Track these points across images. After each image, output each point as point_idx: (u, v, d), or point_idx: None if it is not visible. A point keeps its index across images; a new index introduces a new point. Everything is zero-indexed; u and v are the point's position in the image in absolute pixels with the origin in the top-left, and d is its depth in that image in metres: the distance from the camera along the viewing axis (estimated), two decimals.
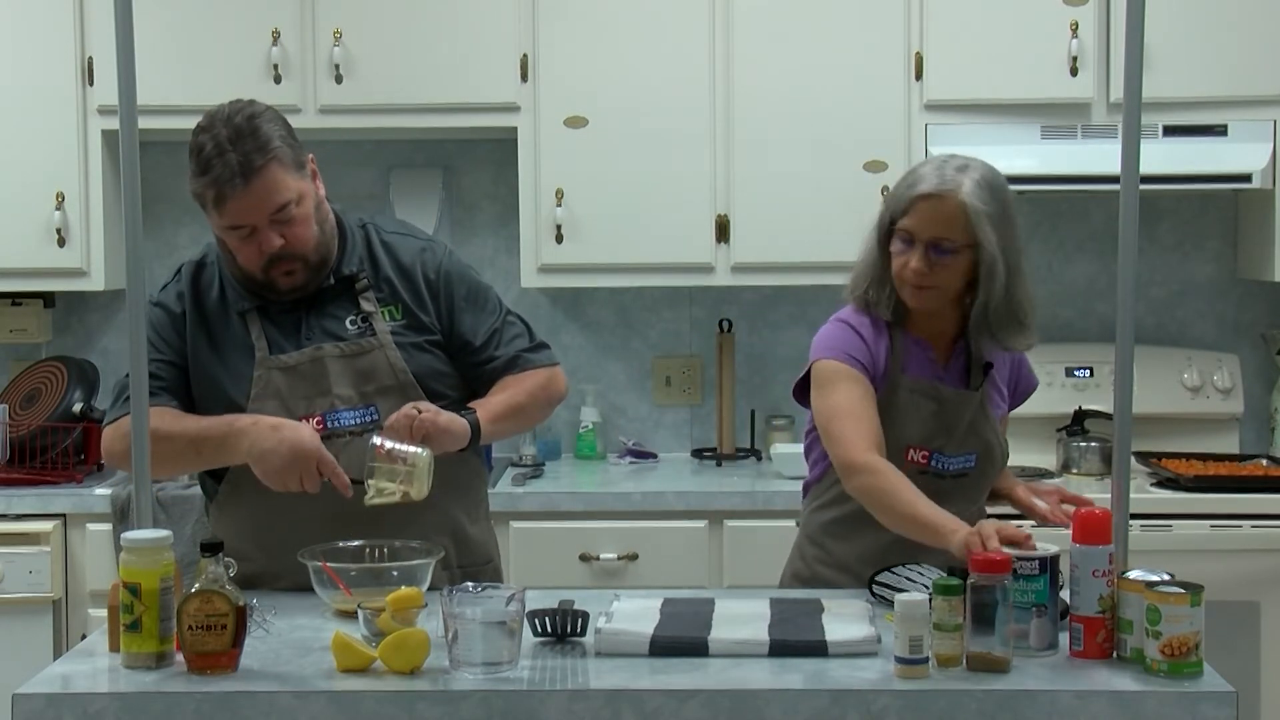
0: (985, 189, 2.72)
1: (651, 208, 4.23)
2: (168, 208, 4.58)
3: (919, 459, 2.80)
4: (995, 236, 2.71)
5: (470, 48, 4.22)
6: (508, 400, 2.88)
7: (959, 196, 2.70)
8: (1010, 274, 2.75)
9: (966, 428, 2.84)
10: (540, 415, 3.03)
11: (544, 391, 2.95)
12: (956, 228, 2.71)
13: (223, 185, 2.68)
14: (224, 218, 2.73)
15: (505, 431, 2.94)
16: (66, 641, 3.96)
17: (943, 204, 2.71)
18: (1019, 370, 3.00)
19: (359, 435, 2.80)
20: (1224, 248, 4.58)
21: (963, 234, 2.71)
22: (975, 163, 2.78)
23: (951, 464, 2.82)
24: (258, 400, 2.80)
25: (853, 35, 4.20)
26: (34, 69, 4.24)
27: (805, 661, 2.33)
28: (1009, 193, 2.78)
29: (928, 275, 2.74)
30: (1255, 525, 3.94)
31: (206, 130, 2.73)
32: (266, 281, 2.81)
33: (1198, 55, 4.15)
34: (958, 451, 2.83)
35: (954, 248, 2.72)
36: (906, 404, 2.81)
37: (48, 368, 4.36)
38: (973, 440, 2.85)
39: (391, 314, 2.87)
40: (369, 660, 2.30)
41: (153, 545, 2.34)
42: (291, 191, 2.74)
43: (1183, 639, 2.24)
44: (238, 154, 2.68)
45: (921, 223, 2.73)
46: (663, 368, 4.63)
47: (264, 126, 2.72)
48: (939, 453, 2.81)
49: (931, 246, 2.73)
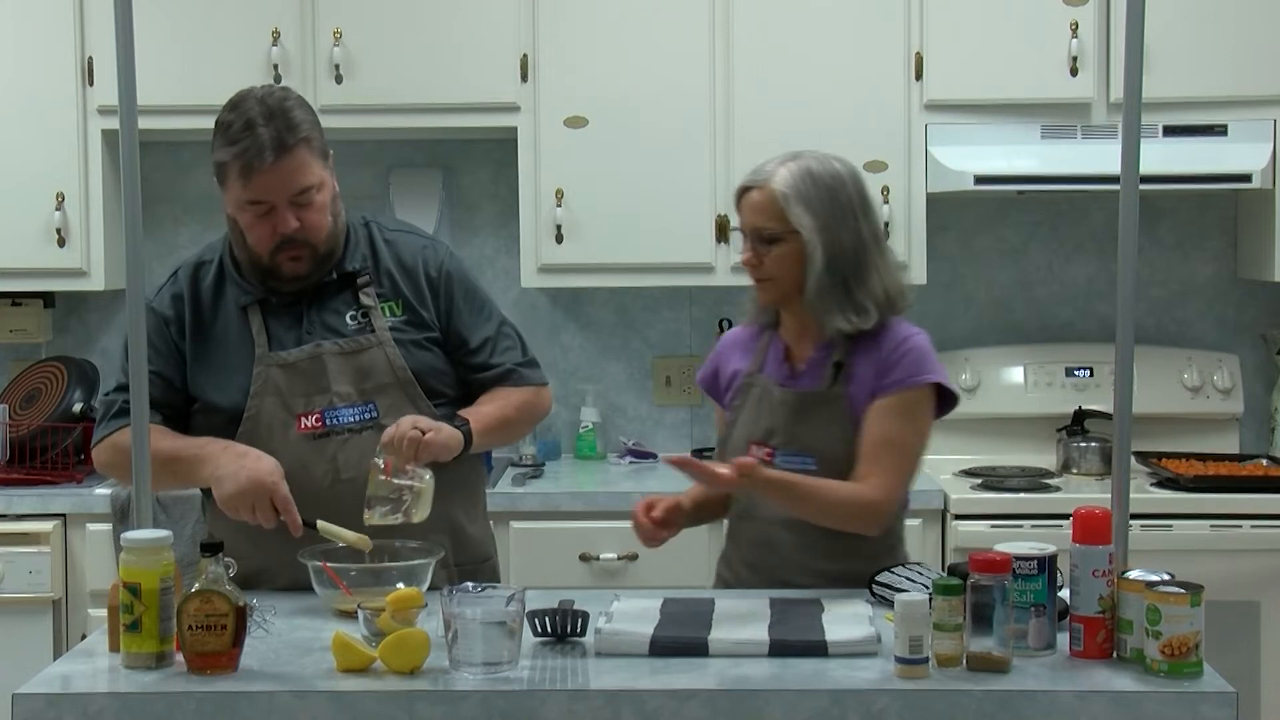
0: (804, 177, 2.76)
1: (651, 208, 4.23)
2: (168, 208, 4.58)
3: (762, 456, 2.80)
4: (810, 220, 2.74)
5: (470, 48, 4.22)
6: (498, 413, 2.89)
7: (770, 185, 2.76)
8: (835, 255, 2.75)
9: (801, 427, 2.80)
10: (524, 432, 3.17)
11: (531, 409, 2.98)
12: (771, 215, 2.77)
13: (252, 157, 2.71)
14: (247, 190, 2.74)
15: (491, 444, 2.95)
16: (66, 641, 3.96)
17: (759, 194, 2.79)
18: (891, 363, 2.77)
19: (358, 433, 2.80)
20: (1224, 248, 4.57)
21: (779, 222, 2.76)
22: (808, 154, 2.82)
23: (787, 463, 2.79)
24: (257, 397, 2.81)
25: (852, 35, 4.20)
26: (34, 69, 4.24)
27: (805, 661, 2.33)
28: (841, 178, 2.78)
29: (758, 267, 2.80)
30: (1255, 525, 3.94)
31: (238, 106, 2.76)
32: (271, 266, 2.81)
33: (1198, 55, 4.15)
34: (790, 450, 2.80)
35: (773, 236, 2.77)
36: (754, 402, 2.87)
37: (48, 368, 4.37)
38: (811, 439, 2.79)
39: (392, 310, 2.88)
40: (369, 660, 2.30)
41: (153, 545, 2.34)
42: (315, 177, 2.78)
43: (1183, 639, 2.24)
44: (270, 130, 2.71)
45: (744, 215, 2.82)
46: (663, 368, 4.63)
47: (296, 110, 2.77)
48: (779, 450, 2.81)
49: (755, 237, 2.79)
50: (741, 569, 2.90)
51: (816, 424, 2.80)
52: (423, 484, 2.69)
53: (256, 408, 2.81)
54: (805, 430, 2.80)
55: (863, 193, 2.82)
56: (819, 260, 2.75)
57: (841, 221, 2.77)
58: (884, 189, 4.16)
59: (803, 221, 2.74)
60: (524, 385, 2.96)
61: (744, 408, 2.89)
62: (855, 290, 2.77)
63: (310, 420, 2.80)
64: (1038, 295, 4.61)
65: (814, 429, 2.79)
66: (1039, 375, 4.45)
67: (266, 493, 2.67)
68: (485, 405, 2.89)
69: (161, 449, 2.75)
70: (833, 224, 2.76)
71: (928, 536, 3.92)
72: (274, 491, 2.67)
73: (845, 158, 2.86)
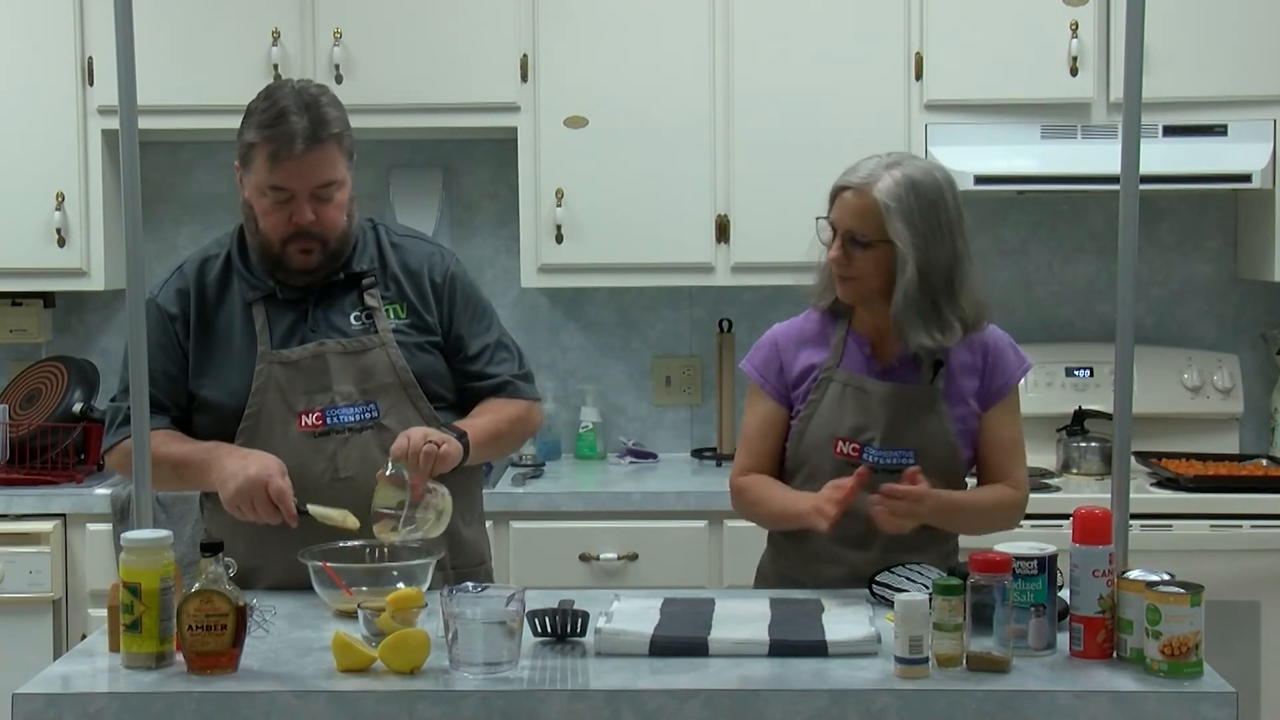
0: (905, 187, 2.73)
1: (651, 208, 4.23)
2: (168, 208, 4.58)
3: (849, 451, 2.80)
4: (908, 234, 2.72)
5: (470, 48, 4.22)
6: (493, 427, 2.88)
7: (872, 192, 2.74)
8: (928, 273, 2.73)
9: (901, 423, 2.80)
10: (513, 448, 3.16)
11: (523, 424, 2.98)
12: (869, 222, 2.75)
13: (283, 143, 2.73)
14: (272, 175, 2.75)
15: (482, 458, 2.93)
16: (66, 641, 3.96)
17: (858, 198, 2.76)
18: (992, 366, 2.86)
19: (358, 432, 2.81)
20: (1224, 248, 4.57)
21: (875, 229, 2.74)
22: (910, 161, 2.80)
23: (883, 458, 2.79)
24: (258, 394, 2.81)
25: (852, 35, 4.20)
26: (34, 69, 4.24)
27: (805, 661, 2.33)
28: (943, 193, 2.76)
29: (846, 266, 2.78)
30: (1255, 525, 3.94)
31: (272, 95, 2.79)
32: (281, 256, 2.82)
33: (1198, 55, 4.15)
34: (889, 445, 2.80)
35: (867, 241, 2.75)
36: (835, 397, 2.83)
37: (48, 368, 4.36)
38: (911, 436, 2.80)
39: (396, 312, 2.88)
40: (369, 660, 2.30)
41: (153, 545, 2.34)
42: (339, 173, 2.80)
43: (1183, 639, 2.24)
44: (305, 120, 2.74)
45: (839, 214, 2.79)
46: (663, 368, 4.63)
47: (330, 107, 2.80)
48: (869, 445, 2.80)
49: (848, 238, 2.77)
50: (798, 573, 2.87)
51: (917, 420, 2.80)
52: (443, 502, 2.68)
53: (258, 405, 2.81)
54: (905, 426, 2.80)
55: (960, 207, 2.79)
56: (911, 275, 2.72)
57: (939, 238, 2.74)
58: None
59: (901, 235, 2.71)
60: (518, 398, 2.96)
61: (822, 402, 2.84)
62: (944, 307, 2.75)
63: (311, 418, 2.80)
64: (1038, 295, 4.61)
65: (914, 425, 2.80)
66: (1039, 375, 4.44)
67: (261, 486, 2.66)
68: (479, 418, 2.89)
69: (170, 454, 2.76)
70: (931, 240, 2.73)
71: None
72: (268, 484, 2.66)
73: (941, 165, 2.86)
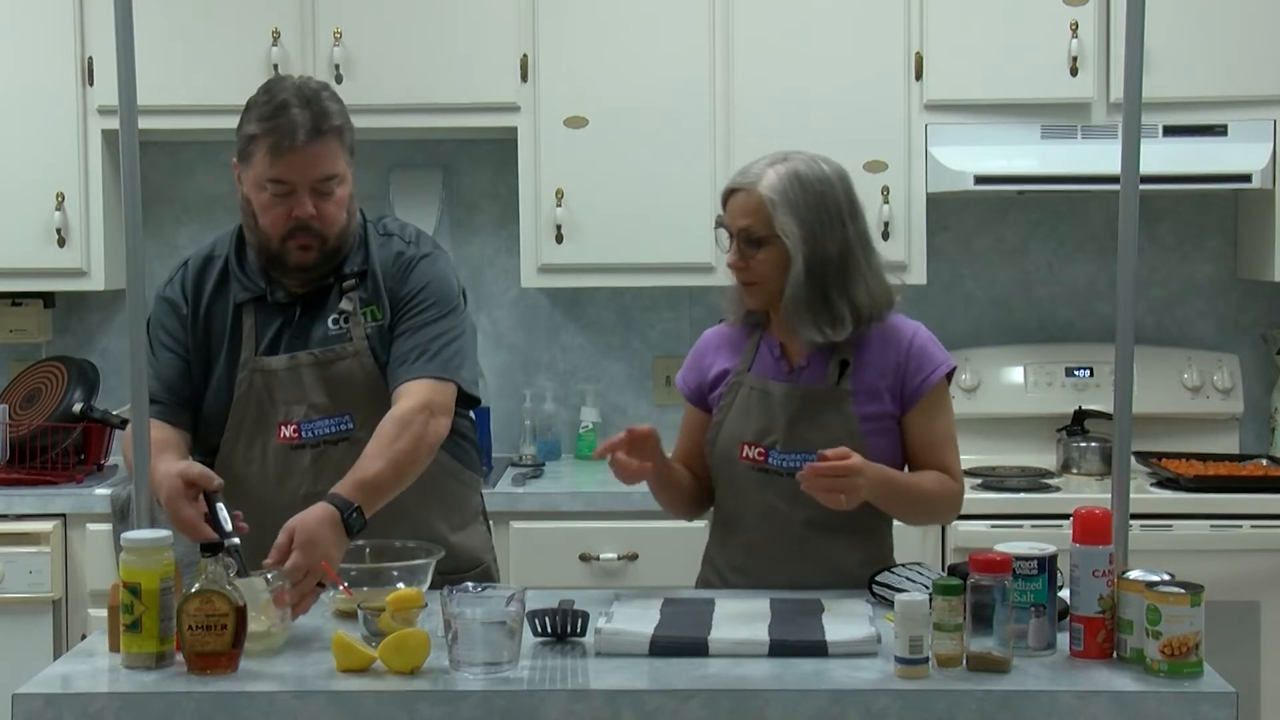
0: (789, 180, 2.73)
1: (651, 208, 4.23)
2: (168, 208, 4.58)
3: (754, 455, 2.80)
4: (795, 227, 2.72)
5: (470, 48, 4.22)
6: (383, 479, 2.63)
7: (758, 189, 2.74)
8: (816, 265, 2.72)
9: (804, 424, 2.78)
10: (419, 471, 2.73)
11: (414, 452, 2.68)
12: (758, 219, 2.74)
13: (284, 135, 2.72)
14: (273, 168, 2.74)
15: (391, 496, 2.68)
16: (66, 641, 3.95)
17: (746, 197, 2.76)
18: (911, 365, 2.80)
19: (334, 444, 2.79)
20: (1224, 248, 4.57)
21: (764, 225, 2.74)
22: (797, 156, 2.79)
23: (786, 460, 2.77)
24: (241, 402, 2.81)
25: (852, 35, 4.20)
26: (34, 69, 4.24)
27: (805, 661, 2.33)
28: (830, 183, 2.76)
29: (745, 271, 2.78)
30: (1255, 525, 3.94)
31: (272, 89, 2.78)
32: (280, 253, 2.80)
33: (1198, 55, 4.15)
34: (791, 448, 2.77)
35: (759, 238, 2.74)
36: (743, 401, 2.83)
37: (48, 368, 4.36)
38: (815, 437, 2.75)
39: (374, 314, 2.84)
40: (369, 660, 2.30)
41: (153, 545, 2.34)
42: (340, 168, 2.79)
43: (1183, 639, 2.24)
44: (306, 113, 2.73)
45: (731, 216, 2.79)
46: (663, 368, 4.63)
47: (331, 102, 2.79)
48: (774, 449, 2.79)
49: (742, 238, 2.76)
50: (729, 574, 2.88)
51: (820, 421, 2.78)
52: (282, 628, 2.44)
53: (240, 413, 2.81)
54: (808, 428, 2.78)
55: (851, 196, 2.79)
56: (799, 269, 2.72)
57: (827, 229, 2.74)
58: (884, 189, 4.16)
59: (788, 228, 2.72)
60: (417, 380, 2.74)
61: (732, 407, 2.85)
62: (835, 300, 2.74)
63: (289, 430, 2.80)
64: (1038, 295, 4.61)
65: (819, 425, 2.78)
66: (1039, 375, 4.44)
67: (176, 517, 2.56)
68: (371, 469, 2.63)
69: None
70: (818, 231, 2.73)
71: (928, 536, 3.92)
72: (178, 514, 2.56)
73: (833, 158, 2.83)
